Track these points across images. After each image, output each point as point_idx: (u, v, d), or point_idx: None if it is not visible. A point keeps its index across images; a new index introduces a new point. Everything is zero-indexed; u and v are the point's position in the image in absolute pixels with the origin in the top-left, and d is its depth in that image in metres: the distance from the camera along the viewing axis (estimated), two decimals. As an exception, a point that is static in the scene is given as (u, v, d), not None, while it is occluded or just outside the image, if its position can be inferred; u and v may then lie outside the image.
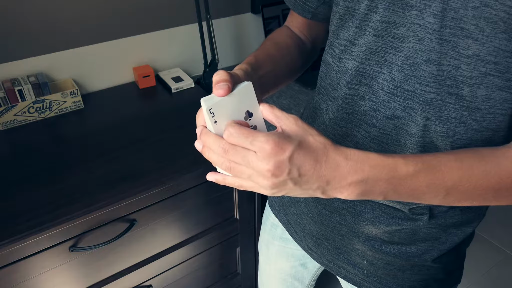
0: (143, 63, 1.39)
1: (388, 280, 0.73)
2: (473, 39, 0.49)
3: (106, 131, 1.15)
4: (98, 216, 0.90)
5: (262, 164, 0.43)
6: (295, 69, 0.73)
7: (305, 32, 0.76)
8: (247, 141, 0.43)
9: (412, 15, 0.52)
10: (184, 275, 1.21)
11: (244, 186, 0.47)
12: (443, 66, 0.51)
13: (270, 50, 0.68)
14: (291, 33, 0.75)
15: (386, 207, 0.65)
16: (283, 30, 0.75)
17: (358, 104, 0.60)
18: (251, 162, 0.43)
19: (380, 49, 0.56)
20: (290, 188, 0.45)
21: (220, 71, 0.48)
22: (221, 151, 0.45)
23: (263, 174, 0.43)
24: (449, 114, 0.53)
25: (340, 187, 0.46)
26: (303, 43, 0.76)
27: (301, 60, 0.74)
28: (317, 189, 0.46)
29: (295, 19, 0.76)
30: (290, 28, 0.76)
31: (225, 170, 0.46)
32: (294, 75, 0.74)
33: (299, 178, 0.44)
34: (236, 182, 0.47)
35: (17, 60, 1.18)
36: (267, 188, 0.45)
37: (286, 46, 0.71)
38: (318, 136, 0.45)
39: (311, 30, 0.76)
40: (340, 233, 0.72)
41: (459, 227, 0.66)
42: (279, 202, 0.86)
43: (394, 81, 0.56)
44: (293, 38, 0.74)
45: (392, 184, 0.47)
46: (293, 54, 0.72)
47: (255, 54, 0.64)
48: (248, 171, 0.44)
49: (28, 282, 0.90)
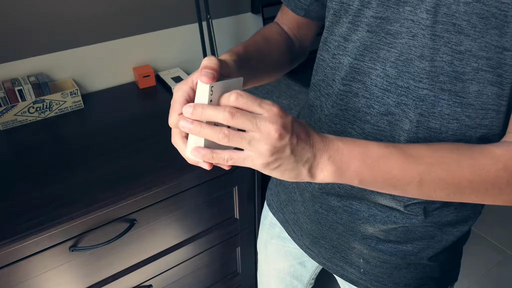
0: (143, 63, 1.40)
1: (384, 278, 0.73)
2: (465, 35, 0.49)
3: (106, 131, 1.15)
4: (98, 216, 0.90)
5: (270, 124, 0.43)
6: (280, 66, 0.73)
7: (294, 30, 0.76)
8: (256, 103, 0.44)
9: (406, 11, 0.52)
10: (184, 275, 1.21)
11: (235, 158, 0.46)
12: (436, 62, 0.52)
13: (259, 44, 0.68)
14: (281, 30, 0.75)
15: (382, 206, 0.65)
16: (273, 26, 0.75)
17: (352, 101, 0.60)
18: (259, 123, 0.43)
19: (373, 45, 0.56)
20: (286, 156, 0.45)
21: (211, 57, 0.48)
22: (227, 116, 0.43)
23: (270, 134, 0.43)
24: (442, 110, 0.54)
25: (322, 163, 0.48)
26: (292, 42, 0.75)
27: (288, 58, 0.74)
28: (306, 163, 0.47)
29: (286, 15, 0.76)
30: (280, 25, 0.76)
31: (220, 140, 0.44)
32: (278, 73, 0.74)
33: (296, 145, 0.45)
34: (226, 155, 0.46)
35: (17, 60, 1.18)
36: (264, 156, 0.44)
37: (276, 42, 0.71)
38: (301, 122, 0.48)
39: (301, 29, 0.76)
40: (336, 232, 0.72)
41: (454, 226, 0.66)
42: (276, 201, 0.87)
43: (388, 77, 0.56)
44: (283, 36, 0.74)
45: (366, 163, 0.49)
46: (281, 51, 0.71)
47: (245, 45, 0.64)
48: (249, 136, 0.44)
49: (28, 282, 0.90)
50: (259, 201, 1.23)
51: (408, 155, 0.50)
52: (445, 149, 0.51)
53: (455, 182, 0.50)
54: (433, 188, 0.51)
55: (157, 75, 1.41)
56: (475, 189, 0.51)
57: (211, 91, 0.45)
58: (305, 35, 0.77)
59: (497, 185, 0.50)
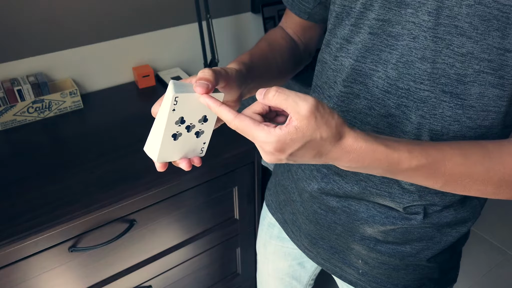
0: (142, 63, 1.39)
1: (383, 279, 0.73)
2: (467, 37, 0.49)
3: (105, 131, 1.15)
4: (97, 216, 0.90)
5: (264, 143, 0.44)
6: (285, 71, 0.73)
7: (299, 34, 0.76)
8: (249, 136, 0.45)
9: (408, 13, 0.52)
10: (184, 276, 1.21)
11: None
12: (438, 64, 0.52)
13: (264, 51, 0.68)
14: (285, 34, 0.75)
15: (381, 206, 0.65)
16: (277, 31, 0.75)
17: (353, 102, 0.60)
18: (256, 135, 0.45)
19: (375, 47, 0.56)
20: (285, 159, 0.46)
21: (206, 69, 0.48)
22: None
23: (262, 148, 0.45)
24: (443, 112, 0.54)
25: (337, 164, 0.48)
26: (296, 45, 0.76)
27: (292, 62, 0.74)
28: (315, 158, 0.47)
29: (290, 19, 0.76)
30: (285, 30, 0.76)
31: None
32: (284, 78, 0.74)
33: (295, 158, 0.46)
34: None
35: (17, 60, 1.18)
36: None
37: (280, 47, 0.71)
38: (327, 132, 0.44)
39: (305, 33, 0.76)
40: (335, 233, 0.72)
41: (453, 227, 0.67)
42: (275, 201, 0.87)
43: (389, 79, 0.56)
44: (287, 40, 0.74)
45: (390, 172, 0.49)
46: (284, 56, 0.72)
47: (251, 53, 0.64)
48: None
49: (28, 283, 0.90)
50: (259, 202, 1.23)
51: (440, 165, 0.49)
52: (477, 154, 0.50)
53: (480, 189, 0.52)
54: (454, 190, 0.52)
55: (157, 75, 1.41)
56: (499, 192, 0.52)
57: (175, 101, 0.45)
58: (309, 38, 0.78)
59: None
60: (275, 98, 0.44)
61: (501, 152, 0.50)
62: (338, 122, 0.44)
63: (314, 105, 0.42)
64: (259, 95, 0.46)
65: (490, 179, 0.50)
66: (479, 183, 0.50)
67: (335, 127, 0.44)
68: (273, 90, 0.44)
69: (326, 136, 0.44)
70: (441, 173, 0.49)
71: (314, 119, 0.43)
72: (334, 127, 0.44)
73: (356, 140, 0.45)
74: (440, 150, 0.49)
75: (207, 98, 0.46)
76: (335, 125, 0.44)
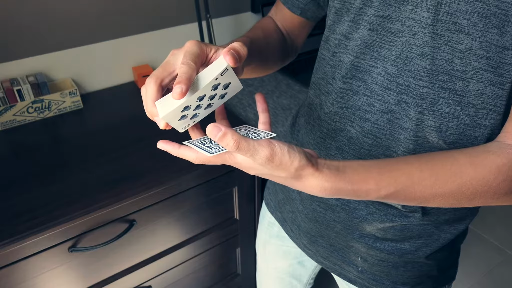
0: (142, 63, 1.39)
1: (382, 277, 0.73)
2: (466, 34, 0.49)
3: (105, 131, 1.14)
4: (97, 217, 0.90)
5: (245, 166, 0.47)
6: (274, 65, 0.73)
7: (287, 28, 0.76)
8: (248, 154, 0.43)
9: (407, 9, 0.53)
10: (184, 276, 1.20)
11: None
12: (437, 61, 0.52)
13: (260, 38, 0.68)
14: (276, 26, 0.75)
15: (380, 204, 0.65)
16: (270, 22, 0.75)
17: (353, 99, 0.61)
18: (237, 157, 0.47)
19: (375, 43, 0.57)
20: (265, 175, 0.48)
21: (239, 44, 0.48)
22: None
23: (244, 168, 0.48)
24: (442, 108, 0.54)
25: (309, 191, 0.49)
26: (285, 40, 0.75)
27: (281, 56, 0.74)
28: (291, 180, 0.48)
29: (281, 12, 0.75)
30: (275, 22, 0.76)
31: None
32: (271, 70, 0.74)
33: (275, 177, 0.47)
34: None
35: (16, 60, 1.18)
36: None
37: (273, 40, 0.71)
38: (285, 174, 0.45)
39: (294, 29, 0.76)
40: (334, 230, 0.72)
41: (451, 224, 0.67)
42: (274, 200, 0.86)
43: (388, 76, 0.56)
44: (278, 33, 0.74)
45: (362, 199, 0.53)
46: (275, 50, 0.72)
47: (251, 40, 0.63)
48: None
49: (28, 283, 0.90)
50: (259, 202, 1.23)
51: (409, 192, 0.50)
52: (448, 172, 0.51)
53: (454, 203, 0.52)
54: (432, 205, 0.53)
55: (157, 75, 1.41)
56: (473, 203, 0.52)
57: (223, 72, 0.46)
58: (297, 35, 0.77)
59: (495, 196, 0.51)
60: None
61: (473, 165, 0.50)
62: (299, 165, 0.44)
63: (267, 157, 0.43)
64: None
65: (463, 194, 0.51)
66: (452, 199, 0.51)
67: (294, 171, 0.45)
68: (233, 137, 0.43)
69: (284, 176, 0.46)
70: (412, 197, 0.51)
71: (269, 166, 0.44)
72: (293, 171, 0.45)
73: (318, 180, 0.46)
74: (410, 175, 0.50)
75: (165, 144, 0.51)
76: (295, 169, 0.44)
